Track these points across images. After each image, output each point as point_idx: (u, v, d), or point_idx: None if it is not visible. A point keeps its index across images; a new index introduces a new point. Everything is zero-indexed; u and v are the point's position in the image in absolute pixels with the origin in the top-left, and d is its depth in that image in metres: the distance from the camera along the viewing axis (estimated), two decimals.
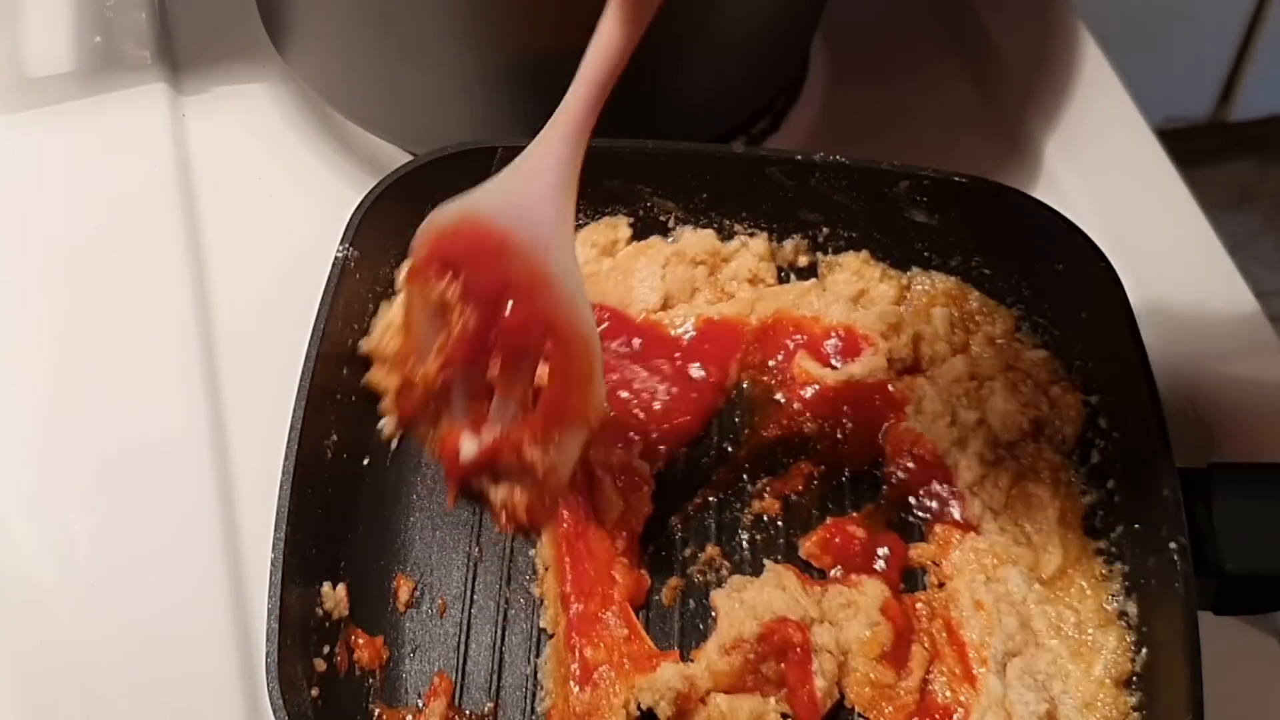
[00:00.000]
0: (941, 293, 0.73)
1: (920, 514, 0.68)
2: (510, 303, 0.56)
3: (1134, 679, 0.61)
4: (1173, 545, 0.59)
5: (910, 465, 0.68)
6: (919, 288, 0.74)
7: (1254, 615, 0.68)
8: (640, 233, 0.76)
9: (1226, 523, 0.61)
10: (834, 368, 0.71)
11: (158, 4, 0.93)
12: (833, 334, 0.72)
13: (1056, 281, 0.70)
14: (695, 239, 0.74)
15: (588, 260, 0.74)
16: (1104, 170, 0.85)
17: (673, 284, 0.73)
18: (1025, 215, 0.70)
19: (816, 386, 0.71)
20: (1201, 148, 1.77)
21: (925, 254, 0.73)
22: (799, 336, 0.72)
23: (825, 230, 0.74)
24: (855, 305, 0.73)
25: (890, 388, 0.70)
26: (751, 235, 0.75)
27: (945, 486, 0.68)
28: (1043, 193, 0.74)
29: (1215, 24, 1.68)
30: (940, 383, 0.70)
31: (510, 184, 0.58)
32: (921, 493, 0.68)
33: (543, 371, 0.57)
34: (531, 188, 0.57)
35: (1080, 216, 0.70)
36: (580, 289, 0.57)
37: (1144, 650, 0.61)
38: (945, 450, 0.68)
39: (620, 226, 0.75)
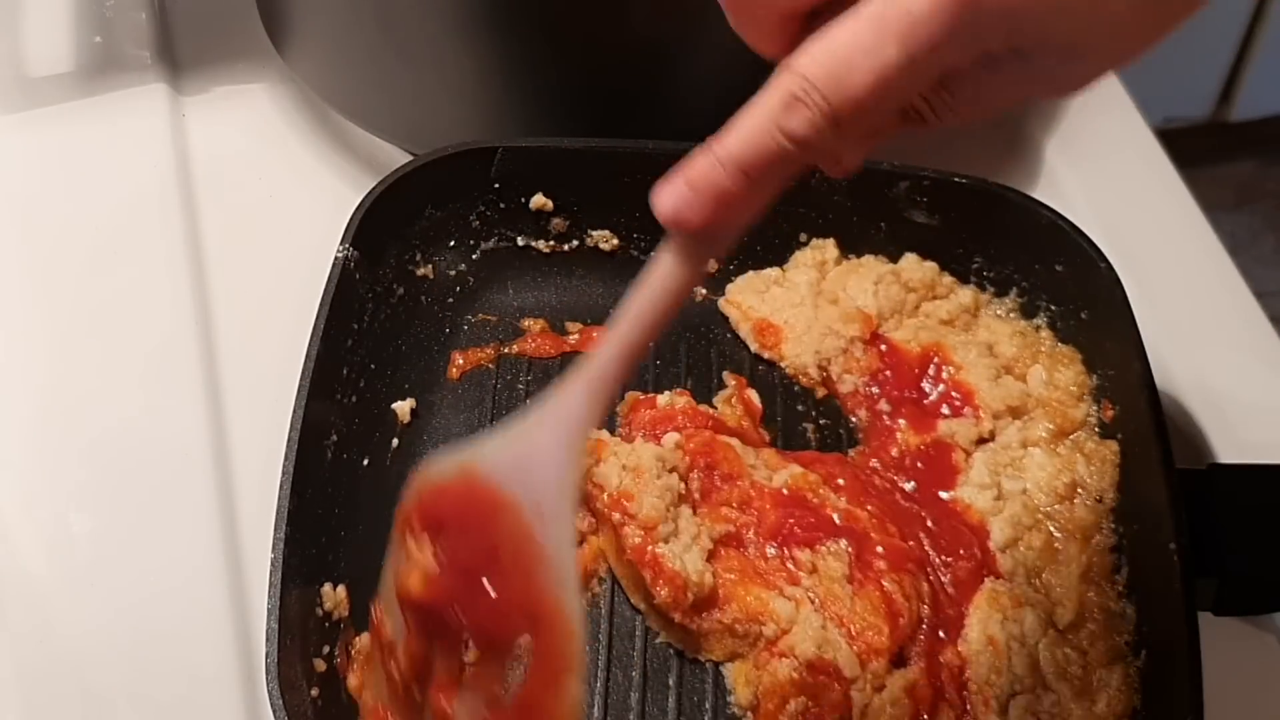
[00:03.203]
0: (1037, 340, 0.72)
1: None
2: (486, 581, 0.50)
3: (1135, 712, 0.60)
4: (1173, 545, 0.59)
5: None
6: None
7: (1254, 615, 0.68)
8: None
9: (1226, 523, 0.61)
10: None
11: (158, 4, 0.93)
12: (956, 392, 0.70)
13: (1056, 281, 0.70)
14: (919, 268, 0.73)
15: (802, 287, 0.74)
16: (1104, 170, 0.85)
17: (884, 301, 0.73)
18: (1025, 215, 0.70)
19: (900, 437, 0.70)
20: (1201, 148, 1.77)
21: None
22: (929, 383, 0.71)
23: (824, 230, 0.74)
24: (1000, 376, 0.70)
25: (953, 456, 0.69)
26: (966, 285, 0.74)
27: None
28: (1043, 193, 0.74)
29: (1215, 24, 1.68)
30: (993, 451, 0.68)
31: (518, 438, 0.52)
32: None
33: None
34: (539, 444, 0.51)
35: (1080, 216, 0.70)
36: (572, 570, 0.50)
37: (1143, 652, 0.61)
38: (984, 519, 0.66)
39: (828, 248, 0.75)
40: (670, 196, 0.47)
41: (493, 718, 0.52)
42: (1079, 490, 0.66)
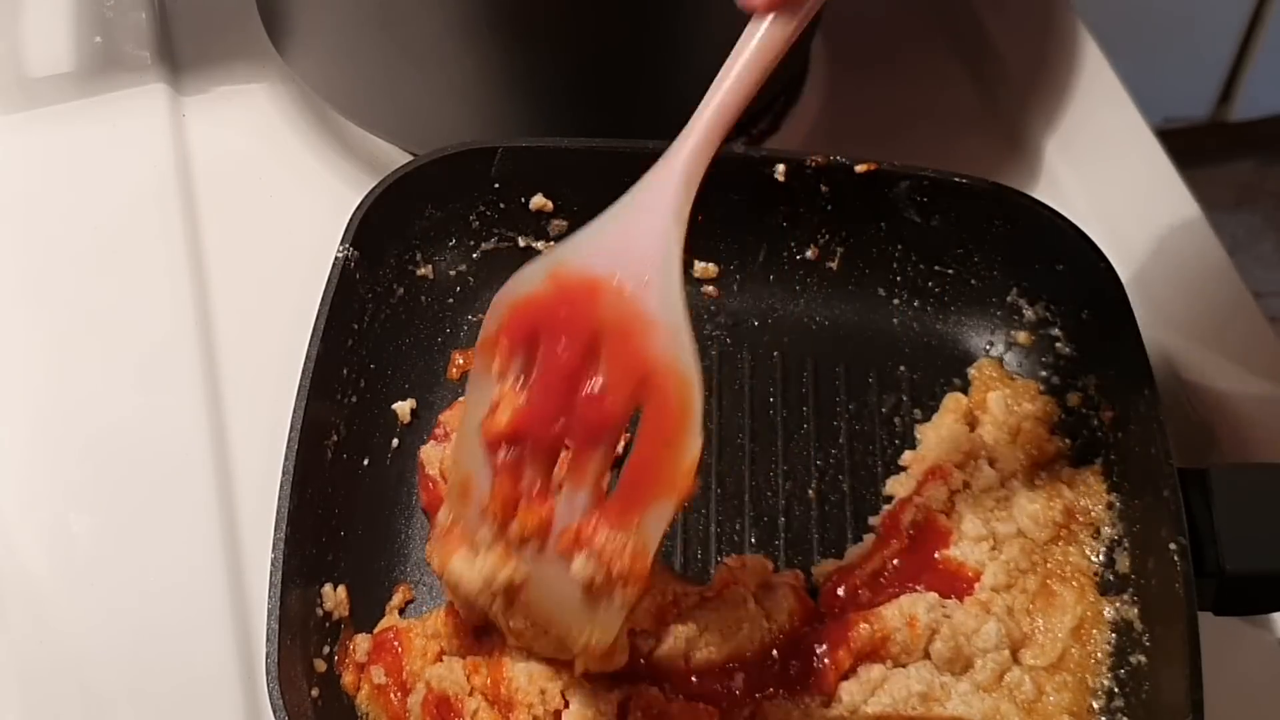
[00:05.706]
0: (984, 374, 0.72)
1: None
2: (595, 379, 0.52)
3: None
4: (1173, 545, 0.59)
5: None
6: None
7: (1254, 615, 0.68)
8: None
9: (1226, 523, 0.61)
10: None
11: (158, 4, 0.93)
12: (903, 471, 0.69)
13: (1056, 281, 0.70)
14: None
15: None
16: (1104, 170, 0.85)
17: None
18: (1025, 215, 0.70)
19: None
20: (1201, 148, 1.78)
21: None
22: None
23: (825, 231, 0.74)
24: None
25: (937, 521, 0.65)
26: None
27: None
28: (1043, 193, 0.74)
29: (1215, 24, 1.68)
30: (975, 498, 0.66)
31: (608, 227, 0.54)
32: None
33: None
34: (635, 225, 0.53)
35: (1080, 216, 0.70)
36: (685, 329, 0.51)
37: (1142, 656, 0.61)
38: (979, 573, 0.64)
39: None
40: None
41: (598, 508, 0.53)
42: (1075, 518, 0.65)
